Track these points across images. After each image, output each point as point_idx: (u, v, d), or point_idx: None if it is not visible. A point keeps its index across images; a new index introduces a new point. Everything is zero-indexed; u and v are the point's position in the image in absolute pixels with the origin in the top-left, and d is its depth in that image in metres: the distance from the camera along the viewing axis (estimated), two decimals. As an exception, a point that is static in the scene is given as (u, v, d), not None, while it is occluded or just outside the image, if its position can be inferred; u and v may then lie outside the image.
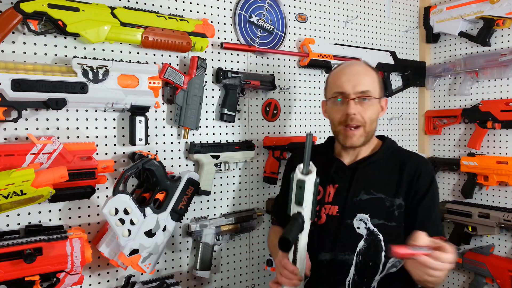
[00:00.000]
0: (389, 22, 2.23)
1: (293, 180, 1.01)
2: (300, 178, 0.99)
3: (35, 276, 1.15)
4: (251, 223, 1.70)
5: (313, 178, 0.99)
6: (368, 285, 1.23)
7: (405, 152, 1.35)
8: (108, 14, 1.31)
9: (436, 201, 1.25)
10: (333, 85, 1.29)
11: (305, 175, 0.99)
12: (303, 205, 1.00)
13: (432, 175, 1.27)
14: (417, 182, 1.24)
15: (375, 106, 1.27)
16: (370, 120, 1.25)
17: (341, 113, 1.26)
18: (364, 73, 1.27)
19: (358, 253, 1.24)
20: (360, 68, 1.28)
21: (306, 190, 0.99)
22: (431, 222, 1.18)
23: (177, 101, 1.48)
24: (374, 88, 1.26)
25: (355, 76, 1.25)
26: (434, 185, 1.25)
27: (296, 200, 1.01)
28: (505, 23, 1.92)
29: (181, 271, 1.59)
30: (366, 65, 1.32)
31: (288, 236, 0.96)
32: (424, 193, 1.23)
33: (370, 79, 1.26)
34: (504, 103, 1.95)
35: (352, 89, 1.23)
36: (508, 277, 1.86)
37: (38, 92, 1.18)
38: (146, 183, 1.37)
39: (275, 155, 1.74)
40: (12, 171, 1.08)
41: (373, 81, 1.27)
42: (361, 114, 1.23)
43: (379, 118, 1.32)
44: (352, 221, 1.24)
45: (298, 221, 1.00)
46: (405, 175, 1.25)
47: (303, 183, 0.99)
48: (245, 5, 1.70)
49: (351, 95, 1.23)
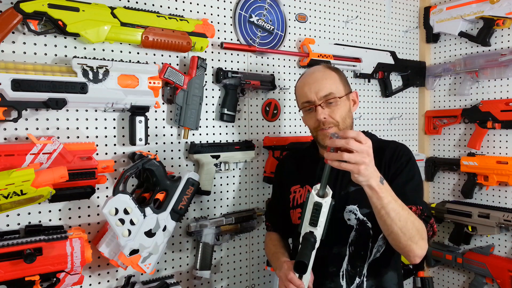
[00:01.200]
0: (389, 22, 2.23)
1: (309, 201, 1.04)
2: (317, 201, 1.02)
3: (35, 276, 1.15)
4: (251, 223, 1.70)
5: (329, 200, 1.03)
6: (360, 272, 1.29)
7: (384, 141, 1.41)
8: (108, 14, 1.31)
9: (414, 176, 1.27)
10: (300, 96, 1.37)
11: (322, 198, 1.02)
12: (317, 226, 1.03)
13: (409, 156, 1.31)
14: (395, 162, 1.28)
15: (343, 104, 1.32)
16: (342, 118, 1.31)
17: (313, 120, 1.33)
18: (322, 77, 1.32)
19: (350, 244, 1.29)
20: (319, 74, 1.34)
21: (322, 212, 1.02)
22: (405, 195, 1.18)
23: (177, 101, 1.48)
24: (337, 88, 1.31)
25: (315, 84, 1.31)
26: (411, 163, 1.29)
27: (311, 221, 1.04)
28: (505, 23, 1.92)
29: (181, 271, 1.59)
30: (325, 69, 1.37)
31: (304, 260, 1.00)
32: (401, 171, 1.27)
33: (330, 81, 1.32)
34: (504, 103, 1.95)
35: (316, 96, 1.30)
36: (508, 277, 1.86)
37: (38, 92, 1.18)
38: (146, 183, 1.37)
39: (275, 155, 1.74)
40: (12, 171, 1.08)
41: (334, 82, 1.32)
42: (331, 116, 1.29)
43: (353, 112, 1.38)
44: (342, 214, 1.28)
45: (311, 241, 1.04)
46: (384, 159, 1.29)
47: (320, 206, 1.02)
48: (245, 5, 1.70)
49: (316, 102, 1.30)
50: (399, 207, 1.08)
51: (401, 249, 1.15)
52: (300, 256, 1.01)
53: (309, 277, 1.16)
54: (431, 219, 1.21)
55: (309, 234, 1.04)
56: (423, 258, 1.20)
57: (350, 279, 1.29)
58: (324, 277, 1.31)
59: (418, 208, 1.19)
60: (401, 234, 1.09)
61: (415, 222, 1.11)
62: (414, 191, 1.25)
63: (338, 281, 1.29)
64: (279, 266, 1.27)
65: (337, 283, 1.29)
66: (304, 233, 1.05)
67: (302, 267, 1.01)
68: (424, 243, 1.15)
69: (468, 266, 2.02)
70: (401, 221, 1.08)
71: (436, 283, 2.30)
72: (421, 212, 1.19)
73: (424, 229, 1.15)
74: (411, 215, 1.11)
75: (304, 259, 1.00)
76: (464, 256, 2.03)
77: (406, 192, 1.21)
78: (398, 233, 1.09)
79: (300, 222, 1.07)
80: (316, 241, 1.05)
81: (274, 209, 1.55)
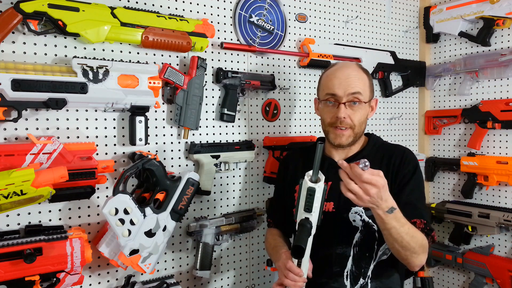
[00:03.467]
0: (389, 22, 2.23)
1: (303, 187, 1.05)
2: (310, 186, 1.03)
3: (35, 276, 1.15)
4: (251, 223, 1.70)
5: (322, 185, 1.03)
6: (364, 274, 1.30)
7: (390, 145, 1.43)
8: (108, 14, 1.31)
9: (420, 186, 1.31)
10: (325, 87, 1.34)
11: (315, 183, 1.03)
12: (311, 211, 1.04)
13: (416, 162, 1.33)
14: (403, 169, 1.30)
15: (364, 108, 1.32)
16: (359, 123, 1.31)
17: (331, 115, 1.31)
18: (355, 76, 1.31)
19: (355, 245, 1.30)
20: (352, 71, 1.32)
21: (315, 198, 1.03)
22: (413, 205, 1.24)
23: (177, 101, 1.48)
24: (365, 91, 1.31)
25: (347, 80, 1.29)
26: (418, 171, 1.32)
27: (305, 207, 1.04)
28: (505, 23, 1.92)
29: (181, 271, 1.59)
30: (358, 68, 1.35)
31: (301, 244, 1.01)
32: (409, 179, 1.29)
33: (361, 82, 1.30)
34: (504, 103, 1.95)
35: (344, 93, 1.28)
36: (508, 277, 1.86)
37: (38, 92, 1.18)
38: (146, 183, 1.37)
39: (275, 155, 1.74)
40: (12, 171, 1.08)
41: (364, 85, 1.31)
42: (351, 117, 1.29)
43: (369, 118, 1.38)
44: (347, 215, 1.29)
45: (307, 226, 1.05)
46: (392, 165, 1.31)
47: (313, 191, 1.03)
48: (245, 5, 1.70)
49: (342, 99, 1.28)
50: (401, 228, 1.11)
51: (402, 259, 1.19)
52: (297, 241, 1.02)
53: (308, 265, 1.17)
54: (433, 232, 1.24)
55: (305, 220, 1.05)
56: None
57: (354, 279, 1.29)
58: (328, 277, 1.31)
59: (422, 222, 1.22)
60: (401, 250, 1.14)
61: (417, 239, 1.15)
62: (420, 201, 1.28)
63: (342, 281, 1.30)
64: (278, 257, 1.28)
65: (340, 283, 1.30)
66: (300, 220, 1.07)
67: (299, 252, 1.02)
68: (424, 256, 1.19)
69: (468, 266, 2.02)
70: (403, 241, 1.11)
71: (436, 283, 2.30)
72: (424, 226, 1.22)
73: (426, 244, 1.19)
74: (414, 233, 1.14)
75: (301, 244, 1.01)
76: (464, 256, 2.03)
77: (413, 201, 1.24)
78: (399, 250, 1.14)
79: (296, 209, 1.08)
80: (312, 227, 1.05)
81: (276, 206, 1.55)
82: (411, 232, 1.13)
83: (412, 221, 1.18)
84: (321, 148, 1.00)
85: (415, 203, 1.25)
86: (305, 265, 1.15)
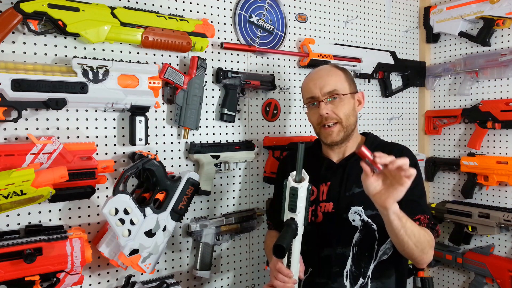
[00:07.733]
0: (389, 22, 2.23)
1: (286, 188, 1.05)
2: (293, 186, 1.03)
3: (35, 276, 1.15)
4: (251, 223, 1.70)
5: (305, 185, 1.04)
6: (364, 274, 1.30)
7: (388, 144, 1.44)
8: (108, 14, 1.31)
9: (420, 183, 1.32)
10: (305, 92, 1.40)
11: (298, 183, 1.03)
12: (296, 211, 1.04)
13: (414, 161, 1.34)
14: None
15: (347, 101, 1.33)
16: (345, 116, 1.32)
17: (316, 116, 1.34)
18: (328, 74, 1.35)
19: (354, 244, 1.30)
20: (324, 71, 1.38)
21: (299, 197, 1.03)
22: (416, 202, 1.25)
23: (177, 101, 1.48)
24: (342, 85, 1.34)
25: (320, 79, 1.34)
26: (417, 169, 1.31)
27: (289, 207, 1.05)
28: (505, 23, 1.92)
29: (181, 271, 1.59)
30: (331, 67, 1.40)
31: (282, 243, 1.00)
32: None
33: (334, 78, 1.34)
34: (504, 103, 1.94)
35: (320, 91, 1.32)
36: (508, 277, 1.86)
37: (38, 92, 1.18)
38: (146, 183, 1.37)
39: (275, 155, 1.74)
40: (12, 171, 1.08)
41: (339, 80, 1.34)
42: (335, 112, 1.31)
43: (358, 112, 1.39)
44: (347, 215, 1.30)
45: (292, 227, 1.05)
46: None
47: (296, 191, 1.03)
48: (245, 5, 1.70)
49: (320, 97, 1.32)
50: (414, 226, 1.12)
51: (413, 258, 1.19)
52: (278, 240, 1.01)
53: (298, 266, 1.16)
54: (437, 226, 1.26)
55: (290, 220, 1.05)
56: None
57: (353, 279, 1.29)
58: (327, 277, 1.31)
59: (426, 217, 1.24)
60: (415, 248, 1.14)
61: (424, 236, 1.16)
62: (422, 198, 1.29)
63: (341, 281, 1.30)
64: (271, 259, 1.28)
65: (340, 283, 1.30)
66: (285, 220, 1.07)
67: (280, 251, 1.01)
68: (432, 252, 1.20)
69: (468, 266, 2.02)
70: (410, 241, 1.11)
71: (436, 283, 2.30)
72: (428, 221, 1.23)
73: (432, 239, 1.20)
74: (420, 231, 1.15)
75: (283, 243, 1.00)
76: (464, 256, 2.03)
77: (415, 199, 1.24)
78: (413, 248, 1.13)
79: (282, 210, 1.09)
80: (297, 227, 1.05)
81: (275, 208, 1.55)
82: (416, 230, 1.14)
83: (416, 217, 1.20)
84: (302, 148, 1.01)
85: (417, 200, 1.26)
86: (295, 266, 1.13)
